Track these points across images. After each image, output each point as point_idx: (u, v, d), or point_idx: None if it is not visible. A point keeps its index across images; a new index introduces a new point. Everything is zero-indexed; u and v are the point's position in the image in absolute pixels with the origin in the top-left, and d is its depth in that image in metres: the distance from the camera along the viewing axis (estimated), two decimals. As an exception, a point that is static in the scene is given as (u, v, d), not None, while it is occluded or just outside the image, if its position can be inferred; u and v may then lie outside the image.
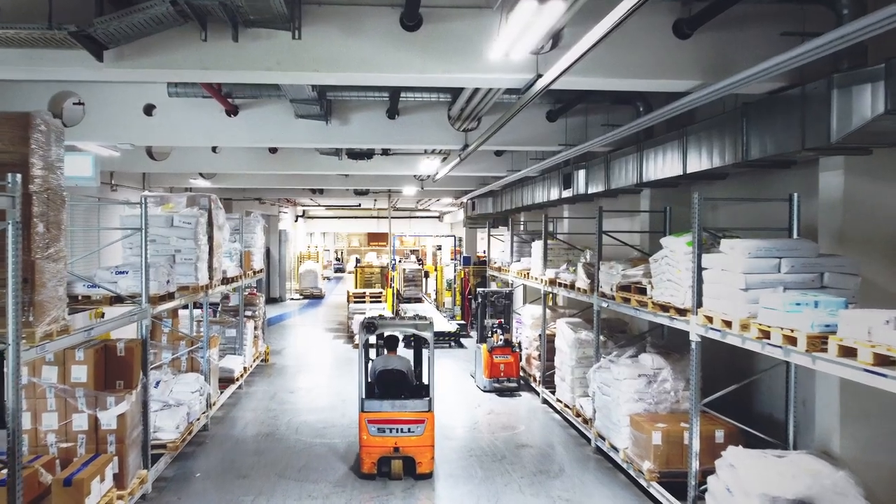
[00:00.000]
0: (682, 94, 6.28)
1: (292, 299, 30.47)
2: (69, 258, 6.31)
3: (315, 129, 10.29)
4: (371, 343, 9.29)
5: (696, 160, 7.74)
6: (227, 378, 11.98)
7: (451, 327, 18.38)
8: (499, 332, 12.81)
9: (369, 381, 8.69)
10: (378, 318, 8.79)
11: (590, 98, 9.58)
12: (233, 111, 10.02)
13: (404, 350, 9.70)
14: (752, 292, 5.66)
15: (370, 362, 8.94)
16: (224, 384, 11.72)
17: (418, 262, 29.04)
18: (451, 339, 17.87)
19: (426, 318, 8.74)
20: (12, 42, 5.81)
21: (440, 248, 37.01)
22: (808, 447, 6.50)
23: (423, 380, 9.21)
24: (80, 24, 5.59)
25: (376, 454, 8.11)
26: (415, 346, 9.61)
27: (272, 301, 27.24)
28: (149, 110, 9.79)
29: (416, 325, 8.51)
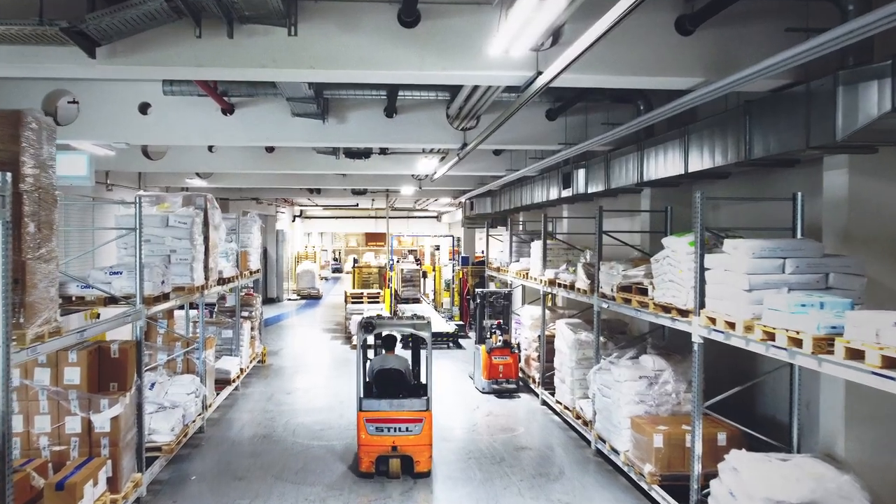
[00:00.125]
0: (684, 92, 6.21)
1: (289, 300, 30.37)
2: (63, 258, 6.23)
3: (312, 128, 10.21)
4: (369, 343, 9.25)
5: (697, 159, 7.66)
6: (223, 379, 11.91)
7: (449, 328, 18.28)
8: (497, 333, 12.71)
9: (367, 380, 8.68)
10: (376, 317, 8.78)
11: (590, 96, 9.49)
12: (229, 110, 9.93)
13: (402, 350, 9.65)
14: (756, 293, 5.57)
15: (368, 362, 8.91)
16: (220, 385, 11.64)
17: (416, 263, 29.00)
18: (450, 340, 17.77)
19: (424, 317, 8.73)
20: (3, 39, 5.73)
21: (438, 249, 36.94)
22: (813, 450, 6.43)
23: (421, 379, 9.17)
24: (72, 20, 5.50)
25: (374, 453, 8.11)
26: (413, 345, 9.60)
27: (269, 301, 27.17)
28: (144, 109, 9.71)
29: (414, 324, 8.52)
